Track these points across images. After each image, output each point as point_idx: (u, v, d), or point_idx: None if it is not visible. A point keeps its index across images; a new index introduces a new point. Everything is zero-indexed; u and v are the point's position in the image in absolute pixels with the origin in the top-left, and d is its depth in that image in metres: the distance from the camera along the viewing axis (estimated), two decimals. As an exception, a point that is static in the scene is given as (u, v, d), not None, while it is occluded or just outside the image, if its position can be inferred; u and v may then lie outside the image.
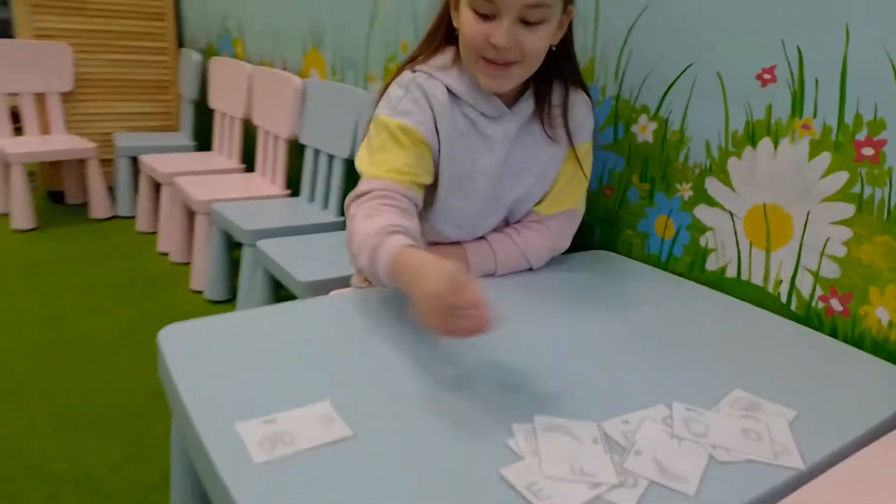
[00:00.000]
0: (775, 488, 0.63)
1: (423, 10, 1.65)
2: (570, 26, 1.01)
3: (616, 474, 0.61)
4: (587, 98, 1.10)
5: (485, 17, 0.90)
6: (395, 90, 1.00)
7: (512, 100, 1.03)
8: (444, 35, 1.03)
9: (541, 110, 1.04)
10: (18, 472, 1.35)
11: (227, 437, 0.63)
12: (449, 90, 0.99)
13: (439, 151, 1.00)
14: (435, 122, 0.98)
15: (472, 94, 1.00)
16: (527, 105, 1.04)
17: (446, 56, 1.01)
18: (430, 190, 1.02)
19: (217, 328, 0.86)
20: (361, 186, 0.94)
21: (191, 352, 0.79)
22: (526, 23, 0.90)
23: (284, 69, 2.39)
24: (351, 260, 0.97)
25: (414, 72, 1.01)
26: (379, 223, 0.85)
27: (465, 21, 0.92)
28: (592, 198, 1.34)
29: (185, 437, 0.69)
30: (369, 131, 1.01)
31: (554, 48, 0.98)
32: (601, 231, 1.34)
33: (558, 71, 1.03)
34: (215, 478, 0.59)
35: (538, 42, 0.93)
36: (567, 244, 1.14)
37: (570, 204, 1.11)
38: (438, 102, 0.98)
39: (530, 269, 1.11)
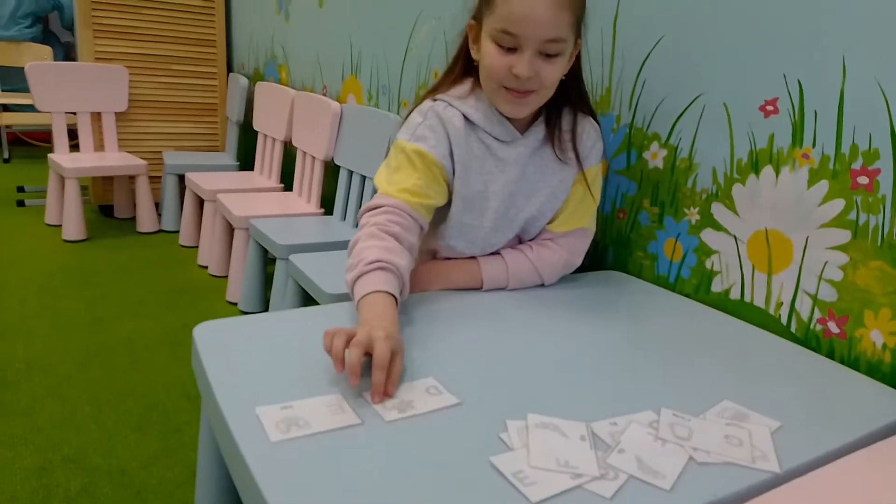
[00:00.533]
0: (750, 487, 0.67)
1: (451, 40, 1.74)
2: (578, 56, 1.09)
3: (598, 468, 0.67)
4: (595, 124, 1.17)
5: (507, 49, 0.99)
6: (414, 117, 1.10)
7: (525, 126, 1.12)
8: (462, 67, 1.13)
9: (552, 135, 1.12)
10: (58, 462, 1.44)
11: (248, 419, 0.70)
12: (466, 117, 1.08)
13: (454, 173, 1.09)
14: (450, 147, 1.07)
15: (487, 121, 1.08)
16: (538, 130, 1.12)
17: (464, 86, 1.11)
18: (445, 208, 1.11)
19: (246, 327, 0.94)
20: (375, 200, 1.04)
21: (221, 346, 0.87)
22: (544, 55, 0.99)
23: (324, 94, 2.51)
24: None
25: (434, 101, 1.10)
26: (375, 255, 0.93)
27: (488, 54, 1.01)
28: (606, 220, 1.40)
29: (212, 420, 0.77)
30: (389, 152, 1.11)
31: (565, 77, 1.06)
32: (614, 252, 1.39)
33: (567, 98, 1.12)
34: (236, 453, 0.66)
35: (555, 73, 1.02)
36: (579, 261, 1.20)
37: (581, 223, 1.18)
38: (454, 128, 1.07)
39: (542, 285, 1.17)
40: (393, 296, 0.91)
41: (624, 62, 1.31)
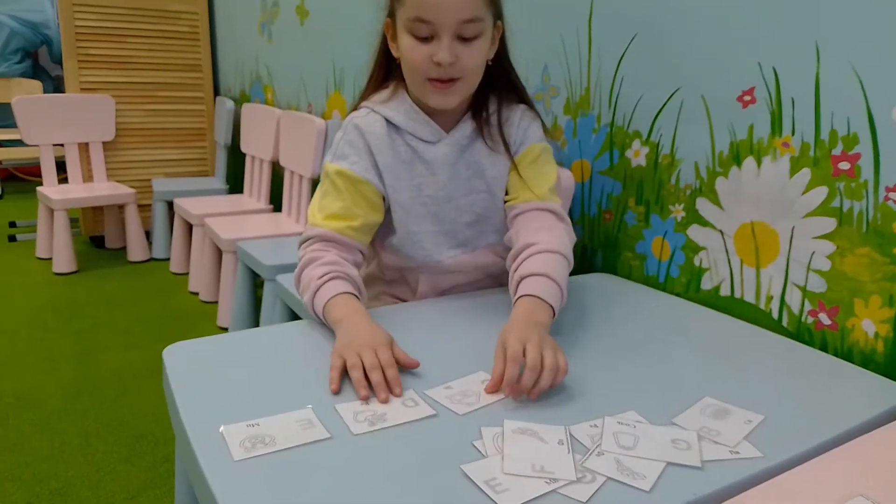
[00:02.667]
0: (731, 484, 0.64)
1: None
2: (502, 41, 1.04)
3: (575, 471, 0.64)
4: (528, 109, 1.10)
5: (424, 39, 0.95)
6: (337, 134, 1.06)
7: (451, 123, 1.06)
8: (383, 70, 1.08)
9: (480, 127, 1.07)
10: (45, 497, 1.41)
11: (212, 438, 0.68)
12: (389, 121, 1.04)
13: (384, 183, 1.04)
14: (373, 159, 1.03)
15: (411, 122, 1.04)
16: (465, 126, 1.06)
17: (386, 91, 1.07)
18: (389, 221, 1.07)
19: (218, 346, 0.92)
20: (305, 232, 1.02)
21: (190, 366, 0.84)
22: (463, 39, 0.95)
23: (309, 112, 2.50)
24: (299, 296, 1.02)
25: (356, 109, 1.06)
26: (322, 270, 0.95)
27: (406, 47, 0.97)
28: (593, 223, 1.37)
29: (179, 441, 0.74)
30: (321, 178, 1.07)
31: (490, 63, 1.02)
32: (603, 255, 1.37)
33: (494, 86, 1.06)
34: (199, 473, 0.64)
35: (476, 57, 0.98)
36: (570, 225, 1.07)
37: (539, 194, 1.05)
38: (376, 136, 1.03)
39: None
40: (354, 294, 0.94)
41: (601, 61, 1.30)
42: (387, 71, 1.08)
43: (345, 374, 0.81)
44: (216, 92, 3.41)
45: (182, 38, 3.23)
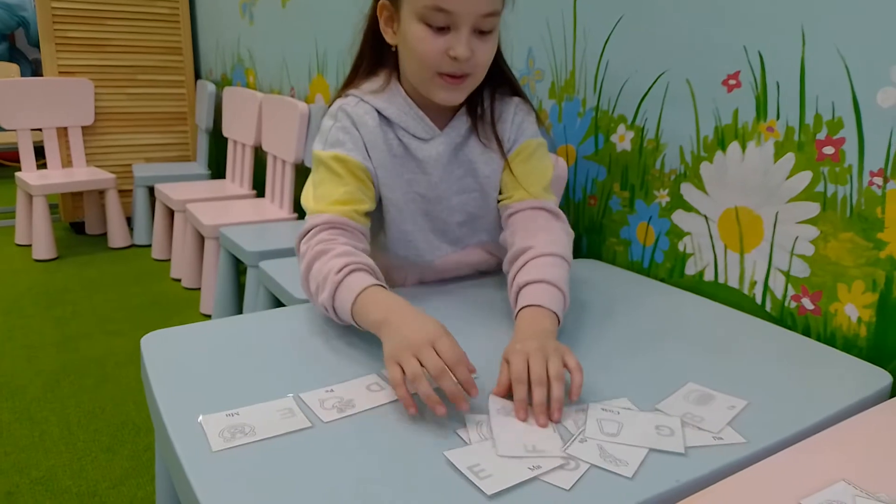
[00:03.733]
0: (713, 471, 0.64)
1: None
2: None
3: (562, 452, 0.64)
4: (522, 102, 1.05)
5: (439, 29, 0.87)
6: (325, 121, 0.99)
7: (445, 120, 1.01)
8: (373, 57, 1.01)
9: (475, 123, 1.02)
10: (26, 487, 1.39)
11: (190, 428, 0.66)
12: (380, 114, 0.97)
13: (377, 177, 0.98)
14: (366, 149, 0.97)
15: (404, 117, 0.98)
16: (460, 123, 1.01)
17: (378, 80, 0.99)
18: (380, 219, 1.02)
19: (196, 334, 0.90)
20: (307, 223, 0.93)
21: (168, 355, 0.83)
22: (479, 33, 0.89)
23: (292, 96, 2.47)
24: (308, 296, 0.92)
25: (345, 97, 0.99)
26: (338, 263, 0.85)
27: (417, 37, 0.89)
28: (578, 208, 1.37)
29: (157, 431, 0.73)
30: (312, 168, 0.99)
31: None
32: (588, 240, 1.36)
33: (489, 79, 0.99)
34: (177, 464, 0.62)
35: (490, 52, 0.92)
36: (570, 228, 1.03)
37: (533, 192, 1.01)
38: (367, 128, 0.96)
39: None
40: (381, 286, 0.84)
41: (586, 44, 1.28)
42: (377, 58, 1.01)
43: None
44: (197, 75, 3.36)
45: (162, 20, 3.18)
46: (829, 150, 0.94)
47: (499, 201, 1.04)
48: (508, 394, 0.73)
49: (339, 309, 0.84)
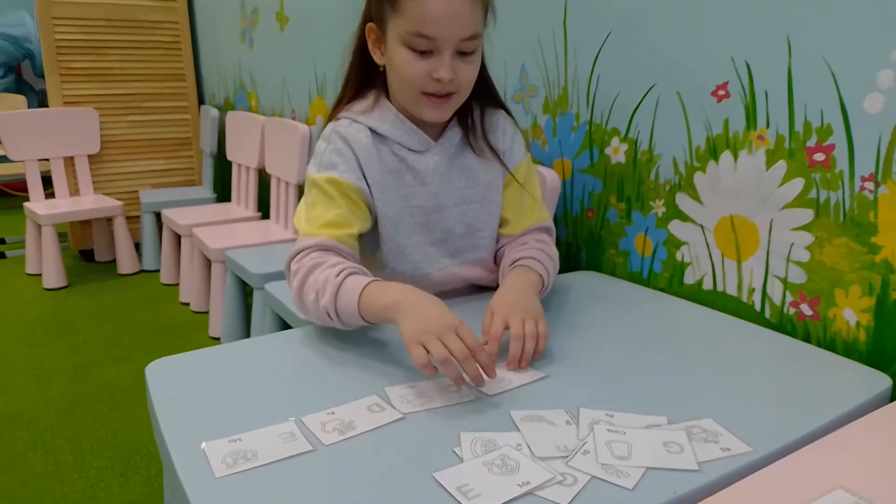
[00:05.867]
0: (710, 482, 0.64)
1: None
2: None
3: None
4: (508, 116, 1.10)
5: (422, 53, 0.92)
6: (319, 144, 1.01)
7: (438, 132, 1.04)
8: (360, 77, 1.03)
9: (467, 136, 1.05)
10: (41, 515, 1.41)
11: (194, 455, 0.68)
12: (373, 131, 1.00)
13: (372, 195, 1.00)
14: (361, 169, 0.99)
15: (397, 131, 1.00)
16: (453, 135, 1.04)
17: (367, 100, 1.02)
18: (375, 234, 1.03)
19: (199, 361, 0.91)
20: (298, 245, 0.95)
21: (173, 382, 0.84)
22: (461, 54, 0.93)
23: (293, 118, 2.50)
24: (302, 311, 0.95)
25: (336, 120, 1.02)
26: (336, 269, 0.89)
27: (402, 60, 0.93)
28: (576, 221, 1.38)
29: (163, 459, 0.74)
30: (305, 190, 1.02)
31: None
32: (587, 253, 1.37)
33: (476, 93, 1.03)
34: (181, 491, 0.64)
35: (473, 71, 0.96)
36: (556, 252, 1.10)
37: (534, 219, 1.10)
38: (362, 146, 0.99)
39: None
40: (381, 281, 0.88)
41: (577, 60, 1.30)
42: (366, 78, 1.04)
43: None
44: (200, 101, 3.40)
45: (164, 47, 3.22)
46: (819, 156, 0.95)
47: (500, 225, 1.09)
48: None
49: (343, 309, 0.87)
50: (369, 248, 1.04)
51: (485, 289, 1.14)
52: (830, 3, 0.91)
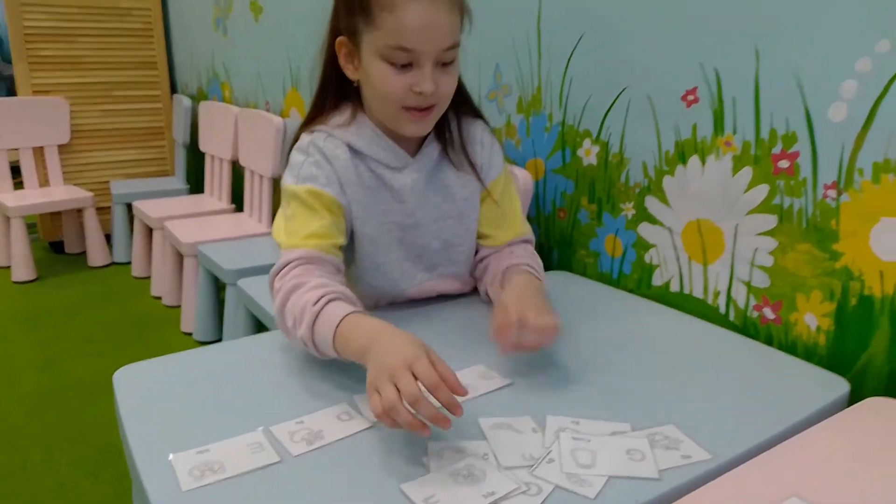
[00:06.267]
0: (672, 489, 0.66)
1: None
2: None
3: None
4: (486, 125, 1.08)
5: (402, 66, 0.89)
6: (295, 156, 0.98)
7: (415, 148, 1.02)
8: (336, 91, 1.00)
9: (445, 149, 1.03)
10: (9, 515, 1.40)
11: (160, 467, 0.68)
12: (350, 147, 0.97)
13: (351, 212, 0.98)
14: (340, 183, 0.96)
15: (374, 148, 0.98)
16: (430, 151, 1.02)
17: (344, 114, 0.99)
18: (350, 251, 1.01)
19: (167, 367, 0.91)
20: (281, 259, 0.91)
21: (141, 390, 0.84)
22: (441, 65, 0.90)
23: (267, 110, 2.48)
24: (284, 334, 0.90)
25: (311, 132, 0.99)
26: (315, 294, 0.83)
27: (380, 76, 0.90)
28: (548, 221, 1.39)
29: (130, 470, 0.74)
30: (282, 202, 0.98)
31: None
32: (558, 253, 1.38)
33: (452, 103, 0.99)
34: (147, 505, 0.64)
35: (454, 81, 0.94)
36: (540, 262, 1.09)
37: (514, 232, 1.08)
38: (340, 161, 0.96)
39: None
40: (361, 311, 0.83)
41: (551, 61, 1.30)
42: (340, 92, 1.00)
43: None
44: (173, 89, 3.35)
45: (135, 35, 3.17)
46: (784, 163, 0.97)
47: (479, 237, 1.08)
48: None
49: (320, 342, 0.82)
50: (346, 263, 1.00)
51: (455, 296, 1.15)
52: (798, 14, 0.92)
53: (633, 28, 1.14)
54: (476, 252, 1.10)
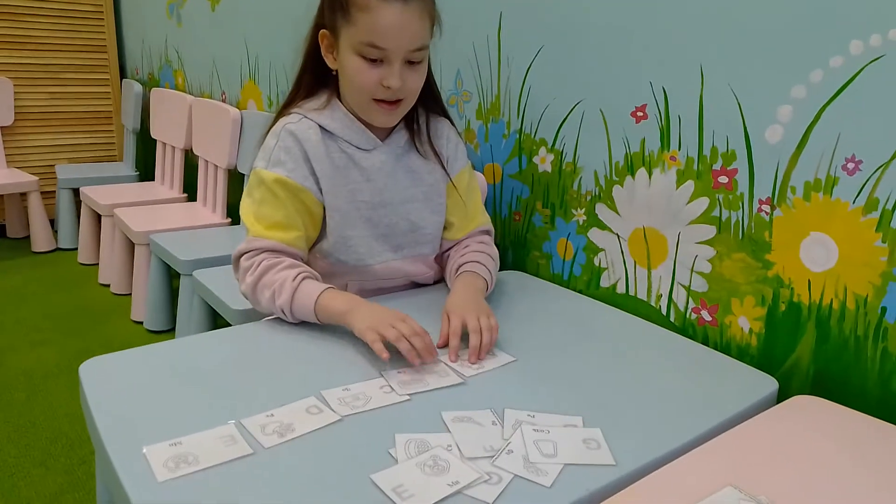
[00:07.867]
0: (610, 483, 0.71)
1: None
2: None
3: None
4: (451, 125, 1.18)
5: (373, 61, 0.98)
6: (269, 139, 1.06)
7: (385, 132, 1.11)
8: (313, 78, 1.09)
9: (413, 139, 1.13)
10: (-44, 506, 1.38)
11: (135, 460, 0.70)
12: (323, 129, 1.06)
13: (321, 190, 1.05)
14: (311, 165, 1.04)
15: (346, 130, 1.06)
16: (399, 137, 1.12)
17: (320, 99, 1.08)
18: (323, 226, 1.09)
19: (136, 359, 0.92)
20: (248, 243, 1.02)
21: (109, 383, 0.85)
22: (410, 63, 1.00)
23: (223, 101, 2.46)
24: (253, 304, 1.04)
25: (288, 115, 1.07)
26: (292, 272, 0.99)
27: (354, 68, 0.99)
28: (504, 223, 1.44)
29: (102, 463, 0.76)
30: (250, 182, 1.06)
31: None
32: (513, 253, 1.44)
33: (422, 99, 1.10)
34: (124, 496, 0.66)
35: (420, 79, 1.04)
36: (497, 254, 1.19)
37: (475, 223, 1.19)
38: (311, 143, 1.04)
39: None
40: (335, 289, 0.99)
41: (510, 70, 1.36)
42: (318, 79, 1.09)
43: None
44: (122, 74, 3.28)
45: (85, 17, 3.10)
46: (723, 179, 1.04)
47: (444, 228, 1.16)
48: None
49: (298, 310, 0.98)
50: (318, 237, 1.10)
51: (423, 285, 1.21)
52: (740, 40, 0.99)
53: (590, 44, 1.20)
54: (441, 243, 1.18)
